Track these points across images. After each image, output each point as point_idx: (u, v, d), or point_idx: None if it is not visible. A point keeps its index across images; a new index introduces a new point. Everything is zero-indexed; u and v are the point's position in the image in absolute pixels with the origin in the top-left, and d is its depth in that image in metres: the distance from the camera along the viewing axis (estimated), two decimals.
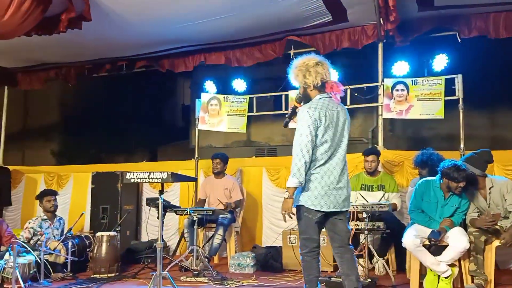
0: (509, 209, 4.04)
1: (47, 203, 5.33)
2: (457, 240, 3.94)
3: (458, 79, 5.39)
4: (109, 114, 9.77)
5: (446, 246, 4.07)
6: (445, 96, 5.42)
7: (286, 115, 3.42)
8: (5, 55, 6.67)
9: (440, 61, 5.62)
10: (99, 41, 6.03)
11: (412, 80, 5.53)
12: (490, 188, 4.07)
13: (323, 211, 3.09)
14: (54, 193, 5.53)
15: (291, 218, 3.15)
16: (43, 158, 9.63)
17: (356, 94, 5.85)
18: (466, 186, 4.02)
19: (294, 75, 3.28)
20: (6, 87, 7.95)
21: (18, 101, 9.29)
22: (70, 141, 10.36)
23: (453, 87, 5.41)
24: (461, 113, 5.38)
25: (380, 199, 5.01)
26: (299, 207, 3.16)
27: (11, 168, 7.90)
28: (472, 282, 3.98)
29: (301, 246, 3.19)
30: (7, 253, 4.46)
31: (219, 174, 5.93)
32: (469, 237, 3.96)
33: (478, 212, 4.10)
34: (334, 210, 3.12)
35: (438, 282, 4.11)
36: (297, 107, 3.32)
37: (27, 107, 10.24)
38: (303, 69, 3.22)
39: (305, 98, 3.29)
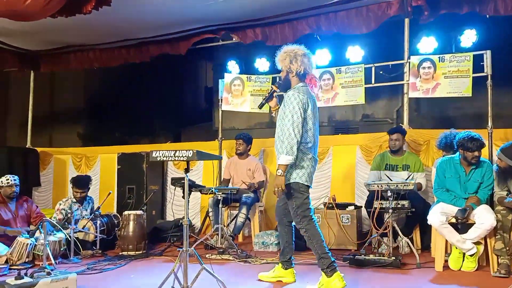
0: None
1: (75, 193, 5.45)
2: (484, 218, 3.90)
3: (487, 55, 5.24)
4: (133, 97, 9.87)
5: (472, 224, 4.04)
6: (473, 73, 5.28)
7: (263, 97, 3.71)
8: (30, 38, 6.77)
9: (469, 37, 5.46)
10: (122, 21, 6.06)
11: (439, 57, 5.40)
12: None
13: (310, 187, 3.50)
14: (84, 185, 5.46)
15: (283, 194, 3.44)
16: (70, 140, 9.83)
17: (381, 72, 5.75)
18: (504, 173, 3.94)
19: (281, 58, 3.55)
20: (32, 71, 8.10)
21: (44, 85, 9.44)
22: (95, 124, 10.54)
23: (481, 63, 5.26)
24: (489, 90, 5.24)
25: (407, 179, 4.97)
26: (294, 184, 3.43)
27: (39, 149, 8.12)
28: (498, 261, 3.94)
29: (301, 219, 3.45)
30: (38, 231, 4.62)
31: (242, 154, 5.97)
32: (497, 215, 3.91)
33: (507, 191, 4.03)
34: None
35: (463, 261, 4.10)
36: (274, 91, 3.65)
37: (53, 91, 10.44)
38: (291, 54, 3.51)
39: (285, 83, 3.59)
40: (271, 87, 3.71)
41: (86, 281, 3.81)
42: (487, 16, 5.25)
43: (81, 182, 5.53)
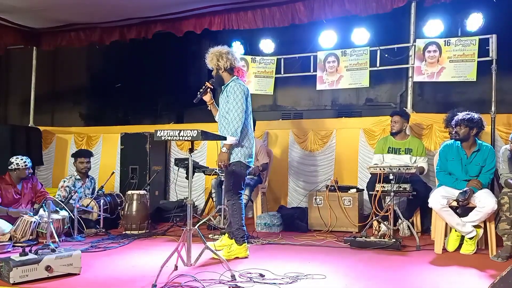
0: None
1: (80, 164, 5.48)
2: (485, 202, 3.93)
3: (493, 39, 5.20)
4: (135, 77, 9.81)
5: (471, 208, 4.08)
6: (478, 57, 5.25)
7: (198, 92, 4.11)
8: (33, 15, 6.71)
9: (475, 21, 5.40)
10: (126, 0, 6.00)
11: (445, 41, 5.36)
12: None
13: (250, 166, 4.04)
14: (89, 154, 5.64)
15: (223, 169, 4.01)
16: (72, 120, 9.83)
17: (386, 55, 5.72)
18: None
19: (209, 59, 4.07)
20: (34, 48, 8.06)
21: (46, 63, 9.39)
22: (97, 104, 10.50)
23: (486, 47, 5.22)
24: (494, 75, 5.21)
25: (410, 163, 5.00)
26: (236, 163, 3.94)
27: (42, 128, 8.14)
28: (497, 244, 3.98)
29: (232, 194, 3.97)
30: (42, 209, 4.66)
31: None
32: (504, 197, 3.91)
33: None
34: None
35: (462, 243, 4.15)
36: (208, 87, 4.12)
37: (55, 69, 10.38)
38: (217, 54, 4.03)
39: (217, 79, 4.08)
40: (206, 84, 4.13)
41: (90, 259, 3.87)
42: (494, 0, 5.18)
43: (85, 152, 5.68)
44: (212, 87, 4.15)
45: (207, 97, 4.16)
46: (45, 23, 7.17)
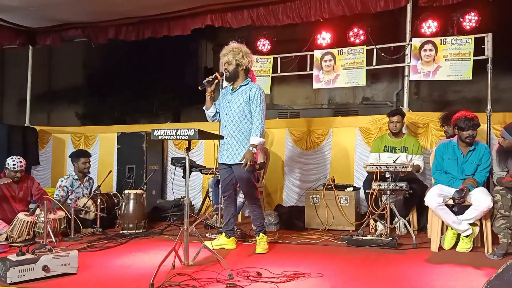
0: None
1: (83, 164, 5.49)
2: (481, 200, 3.96)
3: (488, 38, 5.22)
4: (132, 77, 9.82)
5: (467, 206, 4.10)
6: (474, 56, 5.27)
7: (206, 81, 4.03)
8: (29, 14, 6.69)
9: (470, 20, 5.42)
10: None
11: (441, 40, 5.38)
12: None
13: None
14: (89, 154, 5.70)
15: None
16: (68, 119, 9.83)
17: (382, 54, 5.74)
18: (506, 153, 3.97)
19: (236, 52, 4.06)
20: (30, 47, 8.03)
21: (42, 63, 9.40)
22: (94, 104, 10.51)
23: (482, 46, 5.25)
24: (489, 73, 5.24)
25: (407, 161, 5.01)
26: (256, 162, 4.07)
27: (38, 128, 8.11)
28: (493, 242, 4.01)
29: (253, 190, 4.14)
30: (38, 209, 4.65)
31: None
32: (496, 195, 3.95)
33: (506, 171, 4.07)
34: None
35: (458, 241, 4.17)
36: (217, 78, 4.07)
37: (52, 69, 10.38)
38: (243, 51, 4.09)
39: (233, 74, 4.09)
40: (215, 74, 4.08)
41: (87, 258, 3.86)
42: None
43: (85, 152, 5.73)
44: (219, 80, 4.11)
45: (210, 88, 4.13)
46: (41, 22, 7.16)
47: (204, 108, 4.32)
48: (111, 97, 10.12)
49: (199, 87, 4.08)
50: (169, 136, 3.33)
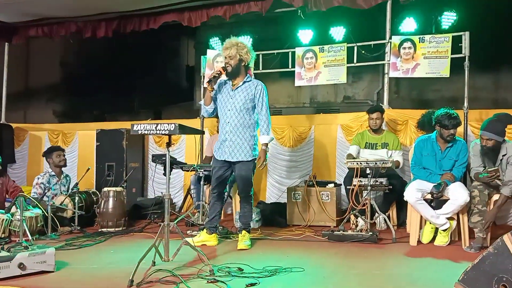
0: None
1: (57, 158, 5.40)
2: (458, 194, 4.03)
3: (465, 37, 5.31)
4: (112, 74, 9.68)
5: (445, 201, 4.17)
6: (451, 54, 5.36)
7: (211, 77, 4.01)
8: (5, 9, 6.53)
9: (448, 18, 5.53)
10: None
11: (419, 38, 5.46)
12: (503, 155, 4.05)
13: None
14: (62, 148, 5.65)
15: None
16: (46, 117, 9.62)
17: (363, 52, 5.78)
18: (488, 151, 4.03)
19: (240, 46, 4.01)
20: (6, 43, 7.84)
21: (19, 59, 9.18)
22: (72, 101, 10.32)
23: (459, 45, 5.34)
24: (466, 71, 5.33)
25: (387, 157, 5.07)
26: (254, 159, 4.09)
27: (14, 125, 7.93)
28: (470, 236, 4.08)
29: (250, 188, 4.16)
30: (14, 207, 4.54)
31: None
32: (474, 191, 4.02)
33: (483, 167, 4.14)
34: None
35: (436, 235, 4.24)
36: (221, 74, 4.02)
37: (29, 65, 10.15)
38: (247, 47, 4.05)
39: (235, 69, 4.04)
40: (220, 70, 4.03)
41: (64, 256, 3.77)
42: None
43: (57, 147, 5.72)
44: (222, 74, 4.08)
45: (215, 84, 4.12)
46: (18, 17, 7.00)
47: (201, 103, 4.31)
48: (90, 95, 9.95)
49: (207, 83, 4.09)
50: (149, 131, 3.28)
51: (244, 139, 4.06)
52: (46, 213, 4.71)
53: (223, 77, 4.18)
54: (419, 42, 5.46)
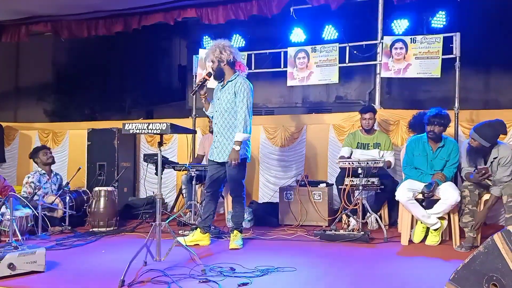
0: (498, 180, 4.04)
1: (44, 156, 5.36)
2: (449, 194, 4.06)
3: (456, 37, 5.35)
4: (104, 73, 9.62)
5: (436, 201, 4.19)
6: (442, 55, 5.40)
7: (195, 86, 4.10)
8: None
9: (439, 19, 5.56)
10: None
11: (411, 38, 5.49)
12: (494, 158, 4.07)
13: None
14: (47, 147, 5.64)
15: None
16: (36, 116, 9.53)
17: (355, 52, 5.80)
18: (476, 152, 4.05)
19: (212, 50, 4.03)
20: None
21: (8, 57, 9.09)
22: (63, 100, 10.23)
23: (450, 45, 5.38)
24: (457, 71, 5.37)
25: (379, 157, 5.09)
26: (244, 159, 4.05)
27: (4, 124, 7.85)
28: (461, 236, 4.11)
29: (240, 188, 4.13)
30: (4, 206, 4.49)
31: None
32: (464, 190, 4.06)
33: (474, 167, 4.17)
34: None
35: (427, 235, 4.26)
36: (207, 80, 4.07)
37: (19, 64, 10.05)
38: (220, 46, 4.00)
39: (218, 72, 4.05)
40: (204, 77, 4.09)
41: (55, 257, 3.75)
42: None
43: (42, 146, 5.68)
44: (209, 80, 4.11)
45: (202, 91, 4.12)
46: (7, 15, 6.91)
47: (203, 110, 4.34)
48: (81, 94, 9.88)
49: (192, 94, 4.18)
50: (140, 130, 3.26)
51: (230, 140, 4.03)
52: (36, 213, 4.66)
53: (213, 83, 4.25)
54: (411, 43, 5.49)
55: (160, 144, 3.41)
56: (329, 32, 5.95)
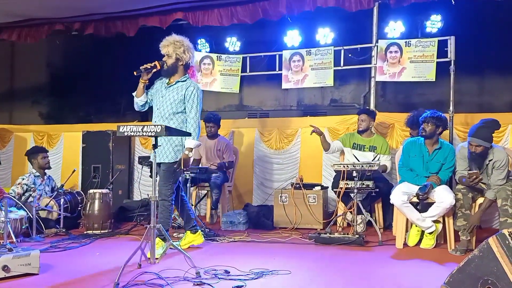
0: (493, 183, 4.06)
1: (42, 160, 5.35)
2: (443, 197, 4.07)
3: (451, 41, 5.39)
4: (99, 76, 9.58)
5: (431, 204, 4.21)
6: (437, 58, 5.43)
7: (144, 68, 3.87)
8: None
9: (434, 22, 5.60)
10: None
11: (405, 42, 5.53)
12: (489, 161, 4.09)
13: None
14: (46, 150, 5.61)
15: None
16: (31, 119, 9.49)
17: (350, 55, 5.83)
18: (476, 157, 4.05)
19: (177, 45, 3.87)
20: None
21: (3, 60, 9.05)
22: (58, 103, 10.18)
23: (445, 49, 5.41)
24: (452, 75, 5.41)
25: (373, 160, 5.11)
26: (176, 162, 3.86)
27: None
28: (455, 239, 4.13)
29: (170, 192, 3.93)
30: None
31: (214, 137, 5.93)
32: (457, 194, 4.08)
33: (468, 171, 4.19)
34: None
35: (422, 238, 4.28)
36: (157, 67, 3.89)
37: (14, 66, 10.00)
38: (185, 45, 3.89)
39: (171, 69, 3.92)
40: (155, 63, 3.90)
41: (49, 259, 3.73)
42: (453, 2, 5.37)
43: (42, 148, 5.65)
44: (157, 69, 3.93)
45: (146, 76, 3.96)
46: (2, 17, 6.88)
47: (134, 94, 4.14)
48: (76, 97, 9.84)
49: (135, 73, 3.89)
50: (135, 133, 3.25)
51: (169, 142, 3.90)
52: (31, 215, 4.64)
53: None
54: (406, 46, 5.52)
55: (155, 146, 3.41)
56: (324, 35, 5.97)
